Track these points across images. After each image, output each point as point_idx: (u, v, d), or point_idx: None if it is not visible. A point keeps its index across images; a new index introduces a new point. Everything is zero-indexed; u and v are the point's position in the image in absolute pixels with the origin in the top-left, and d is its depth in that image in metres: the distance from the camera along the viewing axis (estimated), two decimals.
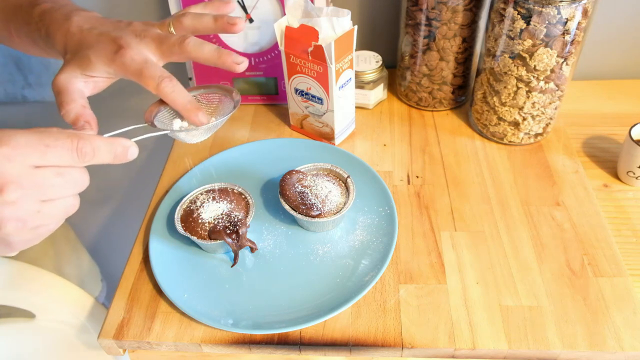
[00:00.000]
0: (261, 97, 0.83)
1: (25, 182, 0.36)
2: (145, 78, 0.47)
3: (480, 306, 0.55)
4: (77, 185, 0.39)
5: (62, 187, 0.38)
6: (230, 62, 0.50)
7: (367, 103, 0.81)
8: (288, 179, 0.61)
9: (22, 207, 0.36)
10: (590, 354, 0.51)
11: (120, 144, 0.40)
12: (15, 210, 0.36)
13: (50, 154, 0.37)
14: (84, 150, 0.38)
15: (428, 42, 0.73)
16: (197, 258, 0.61)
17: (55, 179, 0.37)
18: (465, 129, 0.77)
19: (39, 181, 0.36)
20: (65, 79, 0.48)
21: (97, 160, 0.39)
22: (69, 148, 0.37)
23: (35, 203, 0.37)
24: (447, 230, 0.62)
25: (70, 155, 0.37)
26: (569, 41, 0.62)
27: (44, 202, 0.37)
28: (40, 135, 0.37)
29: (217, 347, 0.54)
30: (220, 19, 0.52)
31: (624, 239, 0.62)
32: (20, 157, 0.35)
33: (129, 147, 0.41)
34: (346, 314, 0.55)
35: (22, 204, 0.36)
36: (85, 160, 0.38)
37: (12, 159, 0.35)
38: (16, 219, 0.36)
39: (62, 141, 0.37)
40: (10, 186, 0.35)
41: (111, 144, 0.40)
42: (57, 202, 0.38)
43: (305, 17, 0.67)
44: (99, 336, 0.55)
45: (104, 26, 0.51)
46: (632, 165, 0.66)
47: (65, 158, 0.37)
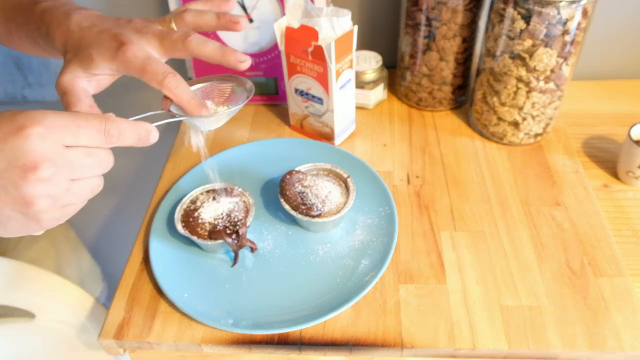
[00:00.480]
0: (261, 97, 0.83)
1: (58, 161, 0.37)
2: (148, 74, 0.47)
3: (480, 306, 0.55)
4: (103, 166, 0.40)
5: (90, 167, 0.39)
6: (234, 60, 0.50)
7: (367, 103, 0.81)
8: (288, 179, 0.61)
9: (55, 185, 0.37)
10: (590, 354, 0.51)
11: (144, 128, 0.42)
12: (48, 187, 0.37)
13: (82, 134, 0.38)
14: (111, 132, 0.39)
15: (428, 42, 0.73)
16: (197, 258, 0.61)
17: (85, 158, 0.38)
18: (465, 129, 0.77)
19: (71, 160, 0.38)
20: (69, 80, 0.48)
21: (122, 142, 0.40)
22: (98, 129, 0.39)
23: (66, 181, 0.38)
24: (447, 230, 0.62)
25: (99, 136, 0.39)
26: (569, 41, 0.62)
27: (73, 180, 0.38)
28: (73, 116, 0.38)
29: (217, 347, 0.54)
30: (223, 17, 0.52)
31: (624, 239, 0.62)
32: (54, 136, 0.37)
33: (151, 130, 0.42)
34: (346, 314, 0.55)
35: (54, 182, 0.37)
36: (112, 141, 0.40)
37: (46, 138, 0.36)
38: (48, 196, 0.37)
39: (92, 122, 0.38)
40: (44, 164, 0.36)
41: (135, 127, 0.41)
42: (85, 181, 0.39)
43: (305, 17, 0.67)
44: (99, 336, 0.55)
45: (104, 23, 0.51)
46: (632, 165, 0.66)
47: (94, 139, 0.39)
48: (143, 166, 1.13)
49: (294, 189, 0.61)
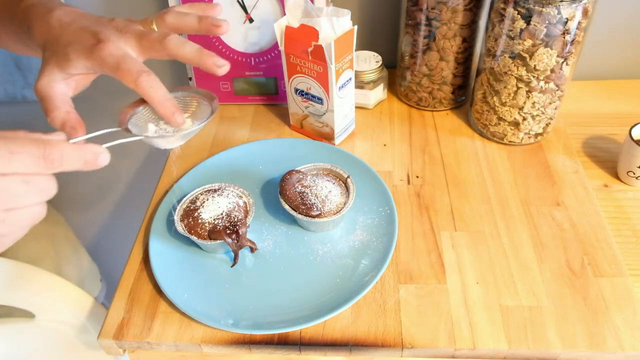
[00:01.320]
0: (261, 97, 0.83)
1: None
2: (122, 72, 0.45)
3: (480, 306, 0.55)
4: (43, 194, 0.37)
5: (27, 196, 0.36)
6: (210, 64, 0.48)
7: (367, 103, 0.81)
8: (288, 179, 0.61)
9: None
10: (590, 354, 0.51)
11: (90, 151, 0.38)
12: None
13: (16, 161, 0.35)
14: (51, 158, 0.36)
15: (428, 42, 0.73)
16: (197, 258, 0.61)
17: (21, 186, 0.36)
18: (465, 129, 0.77)
19: (3, 188, 0.35)
20: (46, 84, 0.47)
21: (65, 168, 0.37)
22: (35, 155, 0.36)
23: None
24: (447, 230, 0.62)
25: (37, 163, 0.36)
26: (569, 41, 0.62)
27: (8, 210, 0.36)
28: (6, 141, 0.35)
29: (217, 347, 0.54)
30: (205, 20, 0.51)
31: (624, 239, 0.62)
32: None
33: (99, 153, 0.39)
34: (346, 314, 0.55)
35: None
36: (53, 167, 0.37)
37: None
38: None
39: (28, 148, 0.35)
40: None
41: (80, 151, 0.38)
42: (22, 210, 0.37)
43: (305, 17, 0.67)
44: (99, 336, 0.55)
45: (85, 20, 0.49)
46: (632, 165, 0.66)
47: (31, 166, 0.36)
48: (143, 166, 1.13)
49: (294, 189, 0.61)
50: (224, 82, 0.81)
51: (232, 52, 0.78)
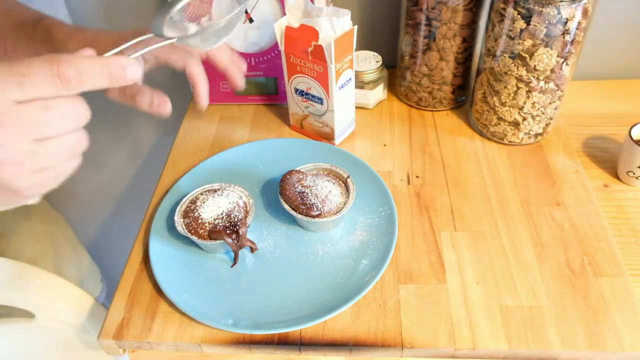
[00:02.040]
0: (261, 97, 0.83)
1: (7, 121, 0.31)
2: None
3: (480, 306, 0.55)
4: (71, 118, 0.34)
5: (54, 123, 0.33)
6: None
7: (367, 103, 0.81)
8: (288, 179, 0.61)
9: (12, 148, 0.32)
10: (590, 354, 0.51)
11: (115, 63, 0.34)
12: (4, 152, 0.32)
13: (28, 85, 0.32)
14: (67, 75, 0.32)
15: (428, 42, 0.73)
16: (197, 258, 0.61)
17: (43, 113, 0.33)
18: (465, 129, 0.77)
19: (25, 118, 0.32)
20: None
21: (87, 86, 0.34)
22: (48, 75, 0.32)
23: (26, 142, 0.33)
24: (447, 230, 0.62)
25: (53, 83, 0.32)
26: (569, 41, 0.62)
27: (38, 141, 0.33)
28: (15, 65, 0.32)
29: (217, 347, 0.54)
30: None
31: (624, 239, 0.62)
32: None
33: (126, 65, 0.35)
34: (346, 314, 0.55)
35: (10, 145, 0.32)
36: (71, 86, 0.33)
37: None
38: (9, 162, 0.32)
39: (38, 67, 0.32)
40: None
41: (102, 64, 0.34)
42: (54, 140, 0.34)
43: (305, 17, 0.67)
44: (99, 336, 0.55)
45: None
46: (632, 165, 0.66)
47: (46, 87, 0.32)
48: (143, 166, 1.13)
49: (294, 189, 0.61)
50: (224, 82, 0.81)
51: None
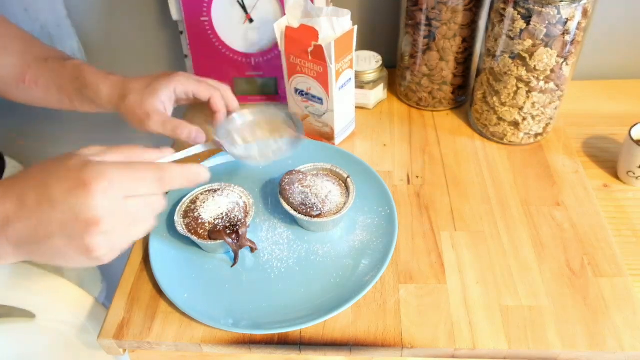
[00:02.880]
0: (261, 97, 0.83)
1: (117, 213, 0.40)
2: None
3: (480, 306, 0.55)
4: (157, 210, 0.43)
5: (146, 213, 0.42)
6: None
7: (367, 103, 0.81)
8: (288, 179, 0.61)
9: (114, 235, 0.40)
10: (590, 354, 0.51)
11: (194, 171, 0.45)
12: (107, 237, 0.40)
13: (140, 185, 0.41)
14: (165, 180, 0.42)
15: (428, 42, 0.73)
16: (197, 258, 0.61)
17: (142, 206, 0.41)
18: (465, 129, 0.77)
19: (130, 210, 0.40)
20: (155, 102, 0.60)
21: (173, 187, 0.43)
22: (154, 179, 0.42)
23: (123, 228, 0.41)
24: (447, 230, 0.62)
25: (155, 185, 0.42)
26: (569, 41, 0.62)
27: (130, 226, 0.41)
28: (132, 168, 0.41)
29: (217, 347, 0.54)
30: None
31: (624, 239, 0.62)
32: (115, 190, 0.39)
33: (200, 172, 0.45)
34: (346, 314, 0.55)
35: (113, 232, 0.40)
36: (166, 188, 0.43)
37: (108, 192, 0.39)
38: (106, 246, 0.40)
39: (150, 173, 0.41)
40: (105, 219, 0.39)
41: (186, 172, 0.44)
42: (140, 224, 0.42)
43: (305, 17, 0.67)
44: (99, 336, 0.55)
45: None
46: (632, 165, 0.66)
47: (151, 188, 0.42)
48: None
49: (294, 189, 0.61)
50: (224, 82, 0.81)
51: (232, 52, 0.78)
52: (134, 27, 0.90)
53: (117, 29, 0.91)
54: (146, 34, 0.91)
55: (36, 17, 0.87)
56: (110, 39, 0.93)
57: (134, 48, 0.94)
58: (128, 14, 0.89)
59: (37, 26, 0.87)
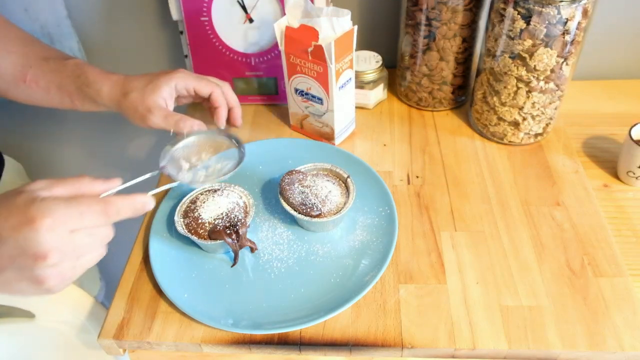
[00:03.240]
0: (261, 97, 0.83)
1: (64, 247, 0.41)
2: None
3: (480, 306, 0.55)
4: (104, 240, 0.45)
5: (93, 244, 0.44)
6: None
7: (367, 103, 0.81)
8: (288, 179, 0.61)
9: (62, 266, 0.42)
10: (590, 354, 0.51)
11: (140, 201, 0.46)
12: (56, 270, 0.42)
13: (85, 219, 0.42)
14: (110, 212, 0.44)
15: (428, 42, 0.73)
16: (197, 258, 0.61)
17: (88, 238, 0.43)
18: (465, 129, 0.77)
19: (76, 243, 0.42)
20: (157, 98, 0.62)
21: (119, 218, 0.45)
22: (99, 212, 0.43)
23: (71, 261, 0.42)
24: (447, 230, 0.62)
25: (100, 218, 0.43)
26: (569, 41, 0.62)
27: (78, 258, 0.43)
28: (77, 204, 0.42)
29: (217, 347, 0.54)
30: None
31: (624, 239, 0.62)
32: (61, 226, 0.41)
33: (146, 202, 0.46)
34: (346, 314, 0.55)
35: (61, 264, 0.42)
36: (111, 219, 0.44)
37: (54, 229, 0.40)
38: (57, 276, 0.42)
39: (94, 207, 0.43)
40: (52, 253, 0.40)
41: (131, 203, 0.45)
42: (89, 255, 0.44)
43: (305, 17, 0.67)
44: (99, 336, 0.55)
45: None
46: (632, 165, 0.66)
47: (96, 220, 0.43)
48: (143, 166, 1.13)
49: (294, 189, 0.61)
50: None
51: (232, 52, 0.78)
52: (134, 27, 0.90)
53: (117, 29, 0.91)
54: (146, 34, 0.91)
55: (36, 17, 0.87)
56: (110, 39, 0.93)
57: (134, 48, 0.94)
58: (128, 14, 0.89)
59: (37, 26, 0.87)
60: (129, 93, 0.62)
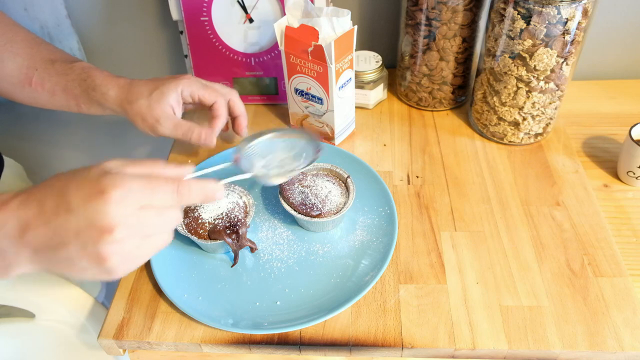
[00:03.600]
0: (261, 97, 0.83)
1: (132, 223, 0.39)
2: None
3: (480, 306, 0.55)
4: (172, 223, 0.43)
5: (161, 225, 0.42)
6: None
7: (367, 103, 0.81)
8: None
9: (127, 244, 0.40)
10: (590, 354, 0.51)
11: (211, 188, 0.44)
12: (120, 247, 0.39)
13: (156, 196, 0.41)
14: (182, 193, 0.42)
15: (428, 42, 0.73)
16: (197, 258, 0.61)
17: (156, 218, 0.41)
18: (465, 129, 0.77)
19: (144, 220, 0.40)
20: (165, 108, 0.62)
21: (190, 202, 0.43)
22: (171, 191, 0.42)
23: (137, 240, 0.41)
24: (447, 230, 0.62)
25: (171, 197, 0.42)
26: (569, 41, 0.62)
27: (144, 238, 0.41)
28: (149, 179, 0.41)
29: (217, 347, 0.54)
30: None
31: (624, 239, 0.62)
32: (131, 200, 0.39)
33: (217, 190, 0.45)
34: (346, 314, 0.55)
35: (127, 241, 0.40)
36: (182, 201, 0.42)
37: (124, 201, 0.39)
38: (120, 254, 0.40)
39: (166, 185, 0.41)
40: (119, 227, 0.39)
41: (204, 187, 0.44)
42: (155, 237, 0.42)
43: (305, 17, 0.67)
44: (99, 336, 0.55)
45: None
46: (632, 165, 0.66)
47: (166, 200, 0.42)
48: None
49: (294, 189, 0.61)
50: (224, 82, 0.81)
51: (232, 52, 0.78)
52: (134, 27, 0.90)
53: (117, 29, 0.91)
54: (146, 34, 0.91)
55: (36, 17, 0.87)
56: (110, 39, 0.93)
57: (134, 48, 0.94)
58: (128, 14, 0.89)
59: (37, 26, 0.87)
60: (135, 100, 0.61)
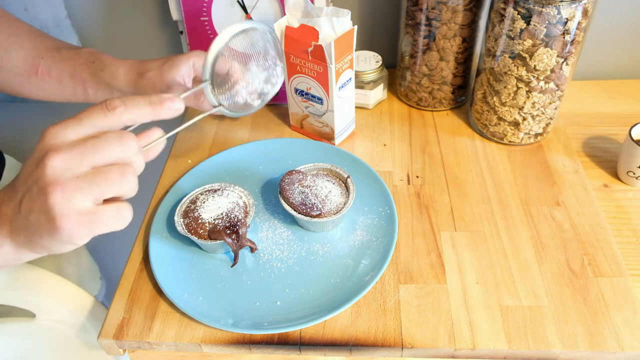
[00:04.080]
0: None
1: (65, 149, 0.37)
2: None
3: (480, 306, 0.55)
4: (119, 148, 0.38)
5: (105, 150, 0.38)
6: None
7: (367, 103, 0.81)
8: (288, 179, 0.61)
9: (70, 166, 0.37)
10: (590, 354, 0.51)
11: (157, 96, 0.39)
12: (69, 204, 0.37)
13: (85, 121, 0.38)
14: (113, 104, 0.38)
15: (428, 42, 0.73)
16: (197, 258, 0.61)
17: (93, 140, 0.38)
18: (465, 129, 0.77)
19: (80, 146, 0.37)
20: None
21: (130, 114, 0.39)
22: (99, 108, 0.38)
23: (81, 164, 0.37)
24: (447, 230, 0.62)
25: (102, 113, 0.38)
26: (569, 41, 0.62)
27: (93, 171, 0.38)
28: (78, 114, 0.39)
29: (217, 347, 0.54)
30: None
31: (624, 239, 0.62)
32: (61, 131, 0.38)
33: (167, 98, 0.40)
34: (346, 314, 0.55)
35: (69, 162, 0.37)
36: (118, 113, 0.38)
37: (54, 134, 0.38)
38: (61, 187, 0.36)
39: (93, 107, 0.39)
40: (51, 153, 0.37)
41: (145, 96, 0.39)
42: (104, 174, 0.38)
43: (305, 17, 0.67)
44: (99, 336, 0.55)
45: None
46: (632, 165, 0.66)
47: (97, 118, 0.38)
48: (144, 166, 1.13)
49: (294, 189, 0.61)
50: None
51: None
52: (134, 27, 0.90)
53: (117, 29, 0.91)
54: (146, 34, 0.91)
55: (36, 17, 0.87)
56: (110, 39, 0.93)
57: (134, 48, 0.94)
58: (128, 13, 0.89)
59: (37, 26, 0.87)
60: (146, 72, 0.61)
